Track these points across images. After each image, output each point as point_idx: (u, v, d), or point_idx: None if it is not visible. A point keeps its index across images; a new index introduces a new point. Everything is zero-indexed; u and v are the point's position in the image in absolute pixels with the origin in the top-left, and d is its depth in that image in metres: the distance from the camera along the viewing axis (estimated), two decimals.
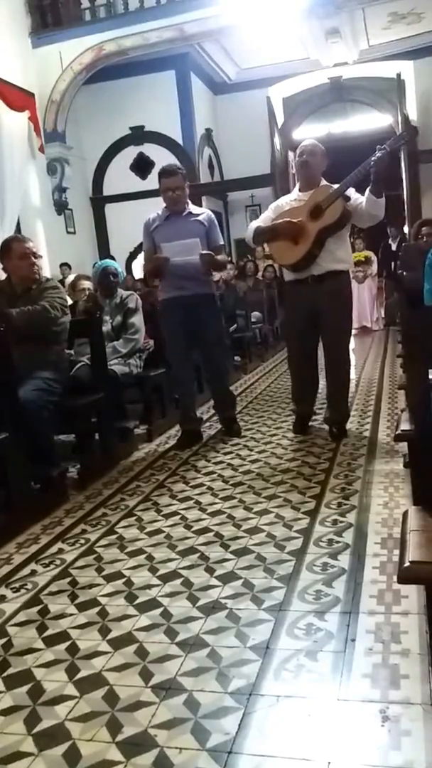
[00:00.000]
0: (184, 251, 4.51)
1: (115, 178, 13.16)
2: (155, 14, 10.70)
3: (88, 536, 3.28)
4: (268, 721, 1.79)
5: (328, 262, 4.34)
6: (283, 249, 4.44)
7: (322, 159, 4.45)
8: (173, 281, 4.64)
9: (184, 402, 4.94)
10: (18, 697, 2.02)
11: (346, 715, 1.78)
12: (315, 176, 4.45)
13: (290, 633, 2.19)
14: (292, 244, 4.33)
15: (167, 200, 4.68)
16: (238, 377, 7.68)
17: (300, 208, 4.35)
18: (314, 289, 4.36)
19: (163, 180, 4.66)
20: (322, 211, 4.23)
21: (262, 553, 2.84)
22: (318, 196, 4.28)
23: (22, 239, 4.37)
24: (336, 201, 4.19)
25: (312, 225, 4.26)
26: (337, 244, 4.37)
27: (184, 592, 2.57)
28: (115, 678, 2.05)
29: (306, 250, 4.29)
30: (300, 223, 4.28)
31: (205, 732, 1.77)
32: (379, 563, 2.60)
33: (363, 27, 12.34)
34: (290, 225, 4.30)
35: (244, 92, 13.92)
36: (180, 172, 4.69)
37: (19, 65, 10.44)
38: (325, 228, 4.25)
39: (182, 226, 4.64)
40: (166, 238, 4.58)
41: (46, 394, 3.91)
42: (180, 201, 4.67)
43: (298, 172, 4.57)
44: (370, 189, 4.17)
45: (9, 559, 3.09)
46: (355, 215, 4.30)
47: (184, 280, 4.60)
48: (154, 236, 4.69)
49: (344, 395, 4.69)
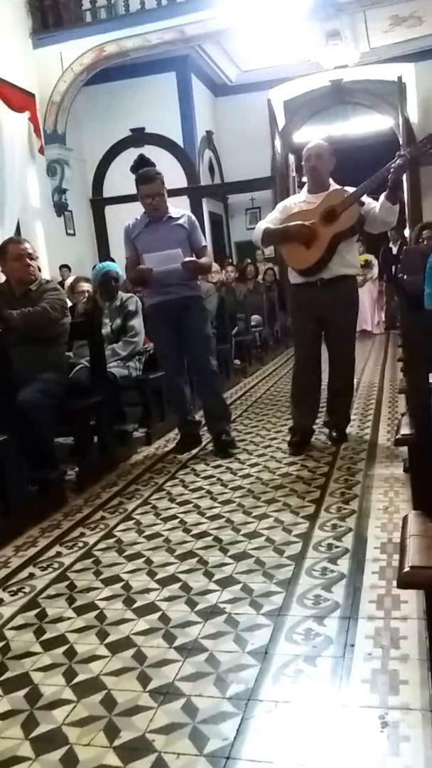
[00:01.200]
0: (167, 261, 4.42)
1: (115, 180, 13.11)
2: (156, 16, 10.63)
3: (86, 539, 3.27)
4: (266, 727, 1.78)
5: (338, 266, 4.27)
6: (295, 252, 4.33)
7: (330, 159, 4.37)
8: (158, 287, 4.56)
9: (180, 407, 4.85)
10: (15, 701, 2.01)
11: (345, 720, 1.77)
12: (324, 179, 4.37)
13: (289, 638, 2.18)
14: (304, 247, 4.24)
15: (147, 207, 4.57)
16: (238, 381, 7.68)
17: (312, 210, 4.25)
18: (322, 293, 4.29)
19: (141, 187, 4.54)
20: (337, 216, 4.15)
21: (261, 557, 2.83)
22: (332, 200, 4.19)
23: (18, 241, 4.37)
24: (351, 206, 4.14)
25: (325, 229, 4.18)
26: (347, 249, 4.33)
27: (183, 597, 2.56)
28: (113, 682, 2.04)
29: (320, 255, 4.22)
30: (313, 226, 4.19)
31: (203, 737, 1.76)
32: (379, 568, 2.59)
33: (364, 30, 12.26)
34: (303, 228, 4.20)
35: (245, 94, 13.86)
36: (158, 178, 4.56)
37: (19, 66, 10.38)
38: (340, 233, 4.19)
39: (164, 232, 4.54)
40: (149, 247, 4.49)
41: (47, 396, 3.89)
42: (160, 207, 4.56)
43: (308, 176, 4.46)
44: (385, 195, 4.12)
45: (7, 562, 3.08)
46: (368, 221, 4.25)
47: (169, 286, 4.52)
48: (136, 244, 4.61)
49: (347, 399, 4.63)
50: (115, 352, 4.98)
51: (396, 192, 4.12)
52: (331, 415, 4.62)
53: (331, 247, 4.20)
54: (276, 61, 13.11)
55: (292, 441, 4.50)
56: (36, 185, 11.07)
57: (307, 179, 4.47)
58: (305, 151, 4.37)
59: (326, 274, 4.27)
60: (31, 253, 4.21)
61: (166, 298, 4.56)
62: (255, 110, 13.45)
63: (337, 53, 12.84)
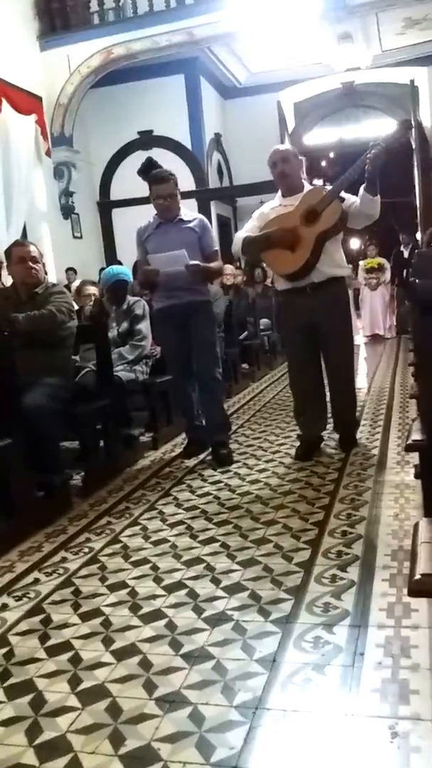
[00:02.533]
0: (171, 262, 4.34)
1: (122, 183, 13.12)
2: (165, 18, 10.60)
3: (91, 545, 3.24)
4: (274, 736, 1.75)
5: (328, 267, 4.16)
6: (280, 258, 4.19)
7: (297, 162, 4.32)
8: (166, 291, 4.50)
9: (188, 412, 4.81)
10: (19, 707, 1.98)
11: (354, 730, 1.74)
12: (296, 180, 4.27)
13: (298, 646, 2.15)
14: (289, 251, 4.11)
15: (158, 208, 4.53)
16: (246, 385, 7.65)
17: (290, 213, 4.11)
18: (313, 299, 4.17)
19: (154, 187, 4.50)
20: (319, 215, 4.02)
21: (269, 564, 2.80)
22: (310, 200, 4.08)
23: (23, 243, 4.37)
24: (333, 203, 4.03)
25: (308, 230, 4.05)
26: (334, 248, 4.22)
27: (190, 603, 2.53)
28: (118, 690, 2.02)
29: (306, 257, 4.08)
30: (295, 229, 4.06)
31: (209, 746, 1.73)
32: (389, 576, 2.56)
33: (376, 32, 12.20)
34: (284, 232, 4.08)
35: (255, 96, 13.82)
36: (172, 179, 4.51)
37: (26, 69, 10.40)
38: (325, 232, 4.06)
39: (174, 234, 4.46)
40: (158, 248, 4.42)
41: (53, 400, 3.88)
42: (171, 209, 4.50)
43: (278, 183, 4.31)
44: (364, 187, 4.00)
45: (11, 567, 3.06)
46: (351, 216, 4.12)
47: (176, 289, 4.44)
48: (146, 245, 4.55)
49: (351, 403, 4.55)
50: (122, 356, 4.97)
51: (375, 183, 3.97)
52: (337, 419, 4.55)
53: (318, 248, 4.08)
54: (286, 63, 13.06)
55: (298, 452, 4.39)
56: (43, 188, 11.08)
57: (279, 185, 4.33)
58: (269, 159, 4.25)
59: (316, 277, 4.16)
60: (35, 255, 4.19)
61: (173, 302, 4.50)
62: (264, 113, 13.40)
63: (349, 55, 12.77)
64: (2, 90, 9.67)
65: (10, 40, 10.07)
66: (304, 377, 4.45)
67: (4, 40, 9.89)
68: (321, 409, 4.51)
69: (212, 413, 4.68)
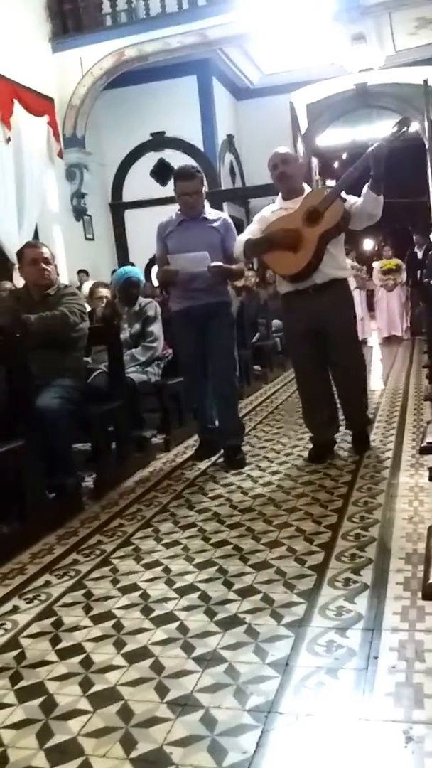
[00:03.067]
0: (193, 264, 4.26)
1: (134, 185, 13.12)
2: (177, 19, 10.58)
3: (103, 547, 3.24)
4: (287, 740, 1.74)
5: (330, 268, 4.10)
6: (281, 259, 4.14)
7: (297, 164, 4.29)
8: (184, 291, 4.42)
9: (200, 415, 4.77)
10: (30, 710, 1.97)
11: (367, 735, 1.72)
12: (297, 183, 4.23)
13: (311, 649, 2.13)
14: (291, 253, 4.05)
15: (182, 204, 4.43)
16: (259, 387, 7.63)
17: (292, 215, 4.07)
18: (316, 301, 4.11)
19: (179, 183, 4.40)
20: (320, 215, 3.97)
21: (282, 567, 2.78)
22: (312, 200, 4.04)
23: (35, 245, 4.37)
24: (335, 203, 3.97)
25: (310, 231, 3.99)
26: (337, 249, 4.16)
27: (202, 606, 2.52)
28: (130, 693, 2.00)
29: (309, 257, 4.02)
30: (297, 230, 4.01)
31: (222, 750, 1.71)
32: (403, 579, 2.53)
33: (389, 32, 12.06)
34: (286, 233, 4.02)
35: (267, 98, 13.76)
36: (198, 175, 4.43)
37: (38, 70, 10.42)
38: (327, 232, 4.00)
39: (196, 232, 4.39)
40: (179, 246, 4.34)
41: (66, 402, 3.88)
42: (196, 206, 4.42)
43: (278, 185, 4.27)
44: (369, 185, 3.97)
45: (23, 569, 3.05)
46: (353, 216, 4.07)
47: (195, 290, 4.36)
48: (167, 243, 4.46)
49: (360, 402, 4.48)
50: (134, 358, 4.97)
51: (379, 182, 3.93)
52: (350, 421, 4.50)
53: (320, 248, 4.02)
54: (299, 64, 13.00)
55: (311, 455, 4.37)
56: (55, 189, 11.10)
57: (279, 188, 4.30)
58: (269, 161, 4.23)
59: (319, 279, 4.10)
60: (48, 257, 4.20)
61: (192, 303, 4.42)
62: (277, 114, 13.36)
63: (362, 56, 12.65)
64: (14, 91, 9.69)
65: (22, 42, 10.08)
66: (309, 381, 4.40)
67: (16, 41, 9.90)
68: (331, 412, 4.44)
69: (227, 418, 4.63)
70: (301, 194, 4.19)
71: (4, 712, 1.97)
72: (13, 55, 9.75)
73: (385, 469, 3.99)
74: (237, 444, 4.62)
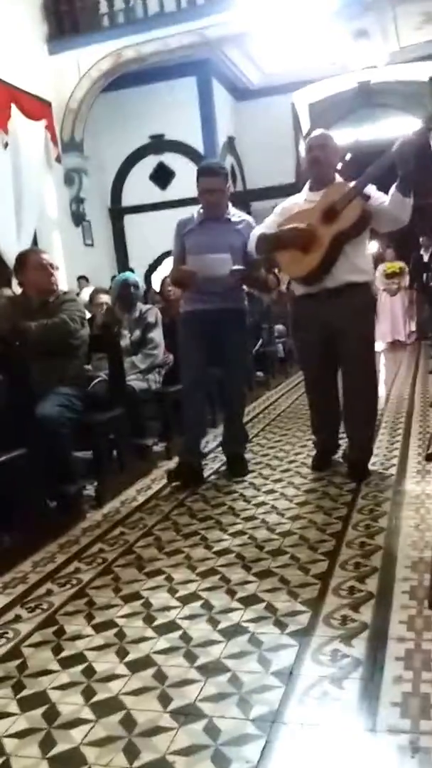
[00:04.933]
0: (213, 267, 4.02)
1: (134, 189, 13.08)
2: (176, 19, 10.48)
3: (105, 555, 3.22)
4: (291, 750, 1.72)
5: (344, 272, 3.76)
6: (291, 259, 3.85)
7: (335, 152, 3.92)
8: (198, 293, 4.17)
9: (191, 429, 4.36)
10: (33, 719, 1.95)
11: (373, 745, 1.71)
12: (327, 173, 3.88)
13: (315, 659, 2.11)
14: (302, 253, 3.76)
15: (205, 203, 4.16)
16: (261, 393, 7.60)
17: (310, 210, 3.78)
18: (328, 305, 3.79)
19: (203, 179, 4.12)
20: (338, 213, 3.66)
21: (285, 575, 2.76)
22: (332, 196, 3.72)
23: (38, 251, 4.37)
24: (353, 201, 3.65)
25: (325, 230, 3.69)
26: (355, 251, 3.80)
27: (204, 615, 2.50)
28: (133, 702, 1.99)
29: (319, 259, 3.71)
30: (309, 228, 3.71)
31: (225, 760, 1.70)
32: (410, 588, 2.51)
33: (393, 28, 11.96)
34: (297, 232, 3.74)
35: (268, 98, 13.68)
36: (223, 172, 4.18)
37: (35, 73, 10.36)
38: (343, 233, 3.68)
39: (218, 234, 4.12)
40: (198, 246, 4.09)
41: (68, 410, 3.86)
42: (220, 205, 4.15)
43: (309, 171, 3.95)
44: (396, 186, 3.60)
45: (24, 578, 3.03)
46: (376, 217, 3.73)
47: (210, 293, 4.11)
48: (186, 241, 4.20)
49: (369, 431, 4.12)
50: (135, 365, 4.95)
51: (407, 182, 3.59)
52: (352, 449, 4.11)
53: (334, 250, 3.71)
54: (300, 63, 12.88)
55: (315, 462, 4.26)
56: (53, 195, 11.06)
57: (310, 174, 3.98)
58: (306, 142, 3.94)
59: (330, 283, 3.78)
60: (52, 263, 4.19)
61: (205, 306, 4.16)
62: (278, 114, 13.28)
63: (365, 53, 12.57)
64: (12, 95, 9.65)
65: (18, 44, 10.00)
66: (320, 393, 4.17)
67: (12, 44, 9.84)
68: (338, 422, 4.20)
69: (233, 426, 4.55)
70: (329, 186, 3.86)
71: (6, 722, 1.96)
72: (9, 58, 9.68)
73: (390, 477, 3.96)
74: (241, 452, 4.55)
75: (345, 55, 12.72)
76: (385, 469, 4.13)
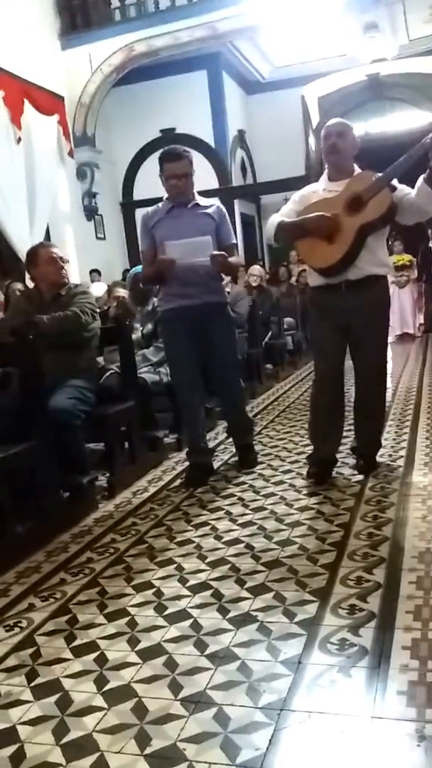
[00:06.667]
0: (194, 251, 3.82)
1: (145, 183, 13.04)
2: (187, 12, 10.49)
3: (117, 545, 3.26)
4: (299, 738, 1.75)
5: (368, 264, 3.65)
6: (314, 249, 3.69)
7: (353, 141, 3.75)
8: (176, 288, 3.99)
9: (193, 431, 4.29)
10: (46, 707, 2.00)
11: (380, 733, 1.73)
12: (347, 162, 3.74)
13: (323, 648, 2.14)
14: (326, 243, 3.61)
15: (170, 190, 4.00)
16: (270, 386, 7.62)
17: (333, 199, 3.62)
18: (348, 298, 3.67)
19: (166, 165, 3.96)
20: (364, 204, 3.51)
21: (294, 565, 2.79)
22: (356, 185, 3.58)
23: (48, 245, 4.39)
24: (381, 192, 3.50)
25: (350, 220, 3.54)
26: (377, 244, 3.70)
27: (215, 604, 2.53)
28: (144, 690, 2.02)
29: (345, 250, 3.57)
30: (335, 217, 3.56)
31: (235, 747, 1.73)
32: (416, 578, 2.54)
33: (403, 20, 11.91)
34: (323, 220, 3.57)
35: (278, 91, 13.67)
36: (186, 155, 3.98)
37: (48, 68, 10.38)
38: (368, 224, 3.54)
39: (188, 220, 3.96)
40: (170, 236, 3.89)
41: (80, 403, 3.90)
42: (186, 191, 3.99)
43: (327, 159, 3.78)
44: (424, 178, 3.42)
45: (38, 568, 3.08)
46: (402, 209, 3.57)
47: (189, 287, 3.95)
48: (155, 233, 4.02)
49: (379, 423, 4.09)
50: (146, 358, 4.98)
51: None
52: (362, 441, 4.06)
53: (358, 241, 3.58)
54: (310, 56, 12.90)
55: (311, 472, 3.96)
56: (66, 189, 11.08)
57: (327, 164, 3.82)
58: (324, 129, 3.75)
59: (353, 275, 3.65)
60: (63, 256, 4.21)
61: (185, 302, 4.00)
62: (288, 108, 13.23)
63: (375, 46, 12.53)
64: (24, 90, 9.67)
65: (31, 39, 10.02)
66: (331, 389, 3.91)
67: (25, 39, 9.85)
68: (341, 426, 4.01)
69: (237, 418, 4.44)
70: (349, 176, 3.71)
71: (20, 709, 2.00)
72: (22, 53, 9.71)
73: (398, 468, 3.98)
74: (249, 442, 4.50)
75: (355, 49, 12.67)
76: (393, 460, 4.14)
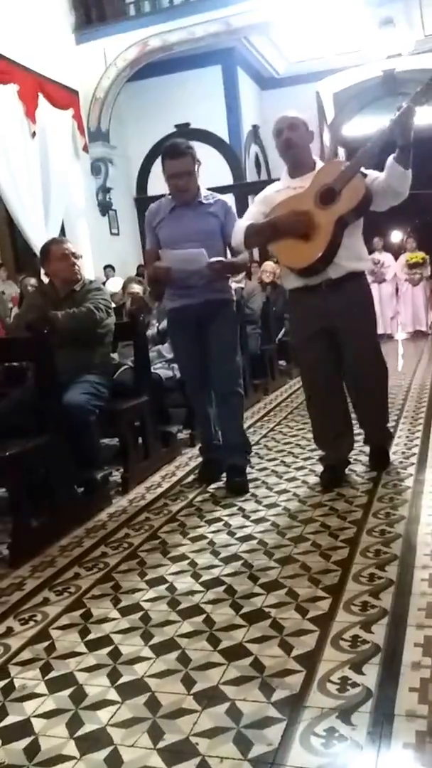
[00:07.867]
0: (188, 262, 3.67)
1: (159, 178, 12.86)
2: (201, 7, 10.38)
3: (131, 540, 3.28)
4: (311, 734, 1.75)
5: (347, 260, 3.47)
6: (291, 249, 3.49)
7: (308, 134, 3.60)
8: (179, 288, 3.84)
9: (205, 428, 4.21)
10: (60, 700, 2.02)
11: (392, 730, 1.74)
12: (305, 155, 3.58)
13: (335, 644, 2.14)
14: (302, 241, 3.41)
15: (173, 189, 3.82)
16: (284, 382, 7.63)
17: (302, 195, 3.42)
18: (330, 298, 3.50)
19: (168, 162, 3.77)
20: (337, 194, 3.33)
21: (307, 562, 2.80)
22: (325, 177, 3.40)
23: (60, 240, 4.41)
24: (353, 179, 3.34)
25: (326, 213, 3.34)
26: (354, 237, 3.51)
27: (227, 600, 2.55)
28: (157, 684, 2.04)
29: (325, 246, 3.37)
30: (308, 213, 3.37)
31: (247, 742, 1.75)
32: (428, 575, 2.54)
33: (419, 15, 11.75)
34: (297, 216, 3.37)
35: (293, 87, 13.45)
36: (189, 152, 3.76)
37: (62, 63, 10.29)
38: (345, 215, 3.36)
39: (191, 220, 3.80)
40: (172, 237, 3.77)
41: (94, 398, 3.92)
42: (188, 189, 3.79)
43: (284, 155, 3.60)
44: (395, 157, 3.29)
45: (52, 562, 3.10)
46: (376, 194, 3.40)
47: (192, 287, 3.79)
48: (158, 233, 3.88)
49: (379, 416, 3.93)
50: (161, 354, 4.99)
51: (407, 152, 3.27)
52: (369, 433, 3.99)
53: (337, 235, 3.38)
54: (325, 51, 12.73)
55: (323, 478, 3.82)
56: (80, 184, 11.00)
57: (285, 160, 3.64)
58: (274, 125, 3.59)
59: (334, 273, 3.47)
60: (74, 252, 4.23)
61: (187, 301, 3.86)
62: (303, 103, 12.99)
63: (390, 41, 12.34)
64: (39, 85, 9.63)
65: (46, 34, 9.95)
66: (319, 391, 3.78)
67: (40, 33, 9.77)
68: (349, 427, 3.87)
69: (229, 431, 4.04)
70: (311, 170, 3.54)
71: (35, 702, 2.02)
72: (37, 47, 9.61)
73: (411, 466, 3.97)
74: (240, 464, 4.02)
75: (370, 44, 12.55)
76: (406, 458, 4.14)
